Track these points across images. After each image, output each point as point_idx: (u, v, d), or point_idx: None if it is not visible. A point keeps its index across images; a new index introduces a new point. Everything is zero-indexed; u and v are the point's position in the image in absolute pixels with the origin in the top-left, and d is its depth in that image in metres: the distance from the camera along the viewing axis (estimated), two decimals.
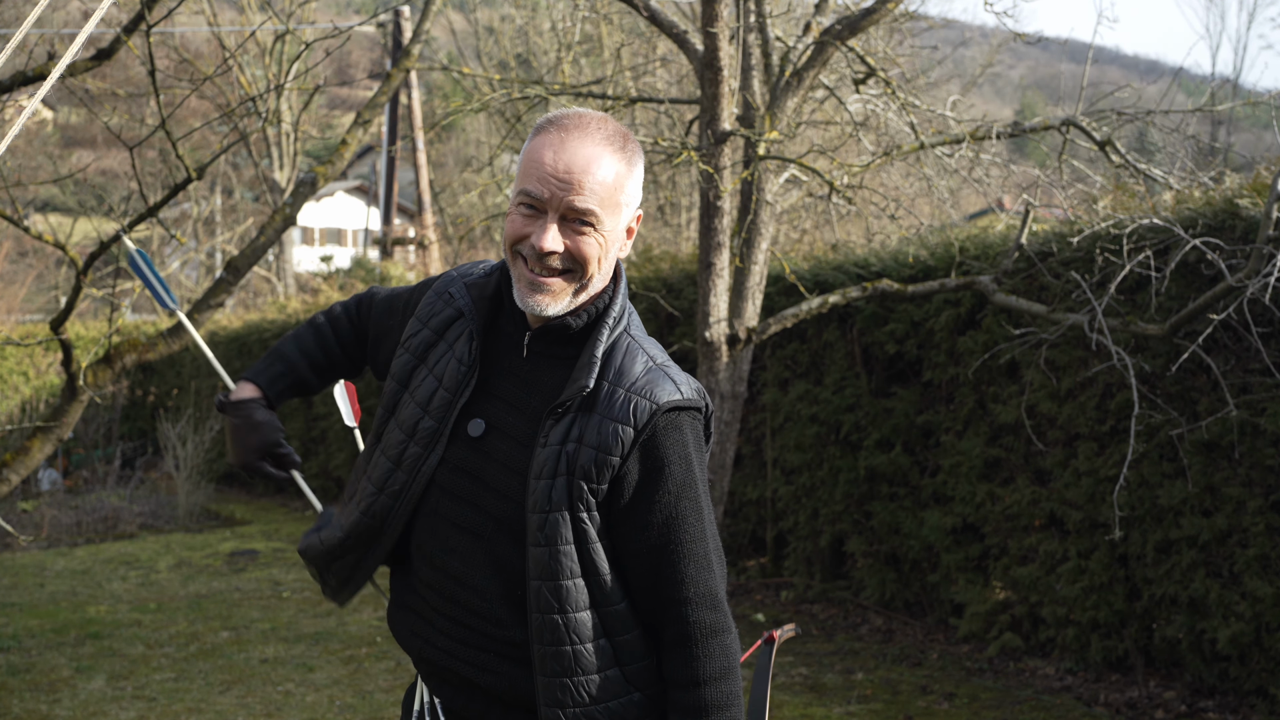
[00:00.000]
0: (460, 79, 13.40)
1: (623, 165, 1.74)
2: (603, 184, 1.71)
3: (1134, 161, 5.47)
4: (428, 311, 1.89)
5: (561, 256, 1.72)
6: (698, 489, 1.74)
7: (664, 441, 1.72)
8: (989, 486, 5.75)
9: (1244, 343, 4.72)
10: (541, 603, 1.71)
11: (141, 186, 4.65)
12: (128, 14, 8.39)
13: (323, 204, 34.79)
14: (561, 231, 1.71)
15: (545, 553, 1.70)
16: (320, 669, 5.75)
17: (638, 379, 1.74)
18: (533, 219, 1.72)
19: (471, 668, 1.77)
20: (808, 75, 5.65)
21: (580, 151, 1.70)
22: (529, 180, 1.71)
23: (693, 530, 1.72)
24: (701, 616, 1.71)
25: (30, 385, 14.43)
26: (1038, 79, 37.94)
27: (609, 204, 1.73)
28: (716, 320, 5.67)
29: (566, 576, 1.70)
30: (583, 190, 1.69)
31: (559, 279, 1.73)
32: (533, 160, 1.72)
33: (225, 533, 10.15)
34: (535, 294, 1.73)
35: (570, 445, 1.71)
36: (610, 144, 1.73)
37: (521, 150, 1.78)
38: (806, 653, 5.86)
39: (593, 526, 1.72)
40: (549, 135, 1.72)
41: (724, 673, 1.71)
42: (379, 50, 24.89)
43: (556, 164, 1.69)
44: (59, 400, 4.78)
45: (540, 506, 1.71)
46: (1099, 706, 4.91)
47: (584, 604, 1.72)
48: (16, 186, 5.25)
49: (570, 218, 1.71)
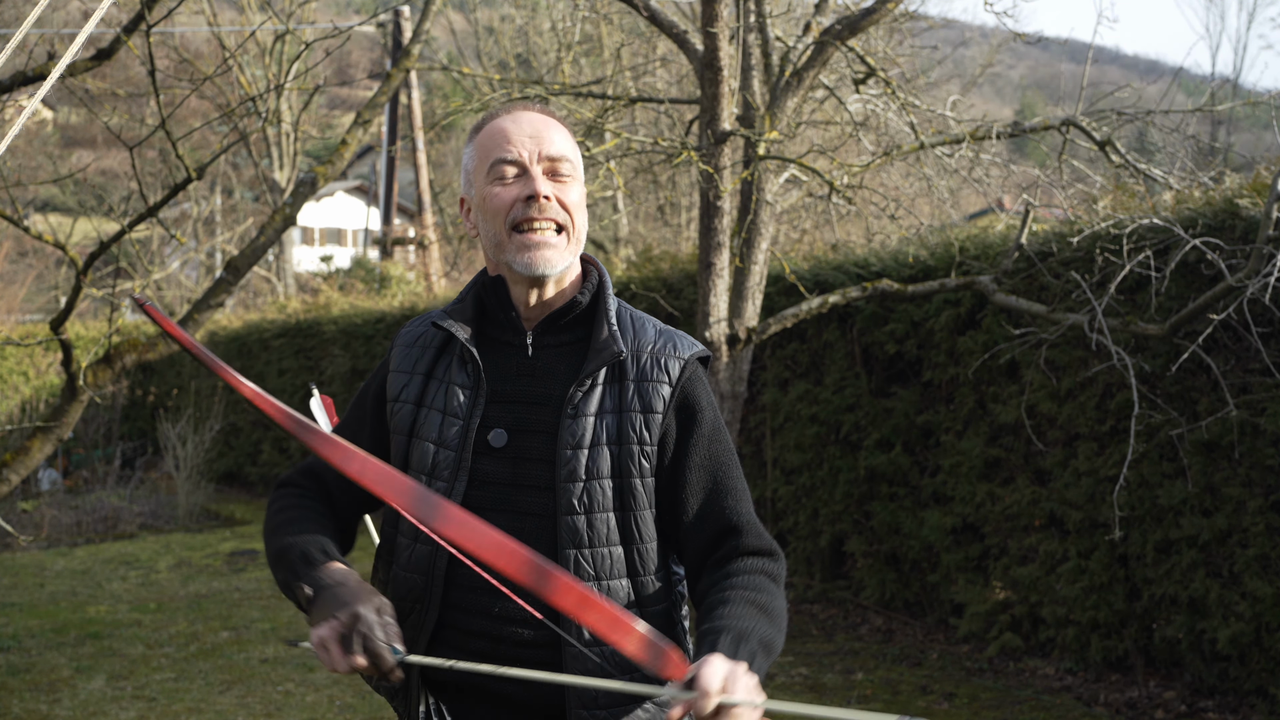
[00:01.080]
0: (460, 79, 13.40)
1: (571, 138, 1.85)
2: (564, 139, 1.82)
3: (1134, 161, 5.47)
4: (409, 363, 1.88)
5: (553, 204, 1.77)
6: (723, 429, 1.84)
7: (692, 391, 1.81)
8: (989, 486, 5.75)
9: (1244, 343, 4.72)
10: (577, 572, 1.73)
11: (141, 186, 4.65)
12: (128, 14, 8.39)
13: (323, 204, 34.79)
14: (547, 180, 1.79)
15: (583, 520, 1.73)
16: (320, 669, 5.75)
17: (655, 341, 1.82)
18: (517, 182, 1.78)
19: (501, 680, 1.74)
20: (808, 75, 5.65)
21: (536, 118, 1.82)
22: (498, 150, 1.78)
23: (730, 467, 1.81)
24: (752, 543, 1.77)
25: (30, 385, 14.44)
26: (1038, 79, 37.97)
27: (573, 160, 1.82)
28: (716, 320, 5.67)
29: (603, 544, 1.74)
30: (553, 140, 1.80)
31: (553, 233, 1.78)
32: (493, 137, 1.80)
33: (225, 533, 10.15)
34: (538, 251, 1.76)
35: (609, 416, 1.76)
36: (554, 118, 1.84)
37: (468, 154, 1.84)
38: (806, 653, 5.86)
39: (644, 493, 1.76)
40: (498, 120, 1.82)
41: (779, 586, 1.76)
42: (379, 50, 24.89)
43: (520, 126, 1.79)
44: (59, 400, 4.78)
45: (575, 475, 1.73)
46: (1099, 706, 4.91)
47: (620, 572, 1.75)
48: (16, 186, 5.25)
49: (548, 168, 1.79)
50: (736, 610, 1.64)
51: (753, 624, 1.62)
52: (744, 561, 1.74)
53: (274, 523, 1.83)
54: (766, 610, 1.66)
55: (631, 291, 7.55)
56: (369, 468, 1.56)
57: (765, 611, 1.66)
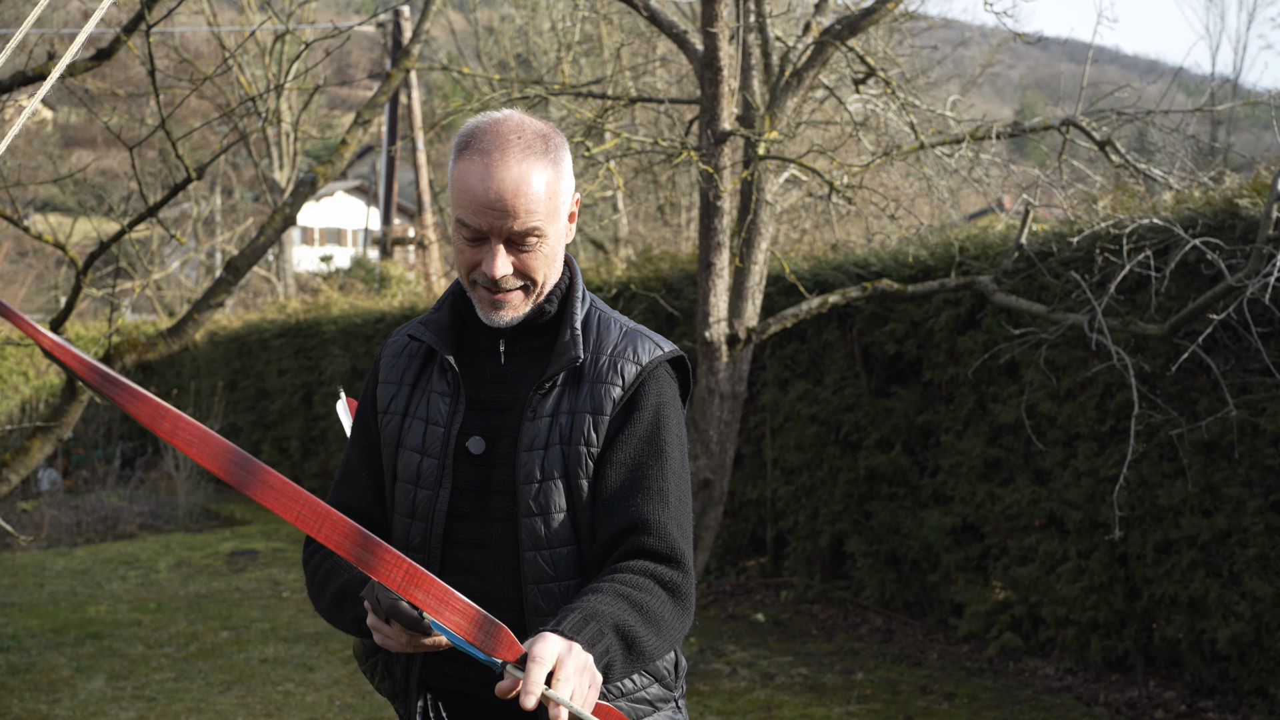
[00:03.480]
0: (460, 79, 13.40)
1: (550, 170, 1.72)
2: (536, 198, 1.70)
3: (1134, 161, 5.47)
4: (396, 373, 1.89)
5: (513, 276, 1.74)
6: (668, 434, 1.78)
7: (642, 393, 1.78)
8: (989, 486, 5.75)
9: (1244, 343, 4.72)
10: (536, 572, 1.73)
11: (141, 186, 4.65)
12: (128, 14, 8.39)
13: (323, 204, 34.80)
14: (509, 252, 1.73)
15: (540, 521, 1.73)
16: (320, 669, 5.75)
17: (617, 343, 1.80)
18: (479, 247, 1.74)
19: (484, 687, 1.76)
20: (808, 75, 5.65)
21: (507, 175, 1.68)
22: (464, 211, 1.71)
23: (655, 469, 1.75)
24: (651, 544, 1.71)
25: (30, 385, 14.44)
26: (1038, 79, 37.98)
27: (548, 214, 1.72)
28: (716, 320, 5.67)
29: (559, 544, 1.74)
30: (518, 213, 1.69)
31: (515, 294, 1.76)
32: (462, 191, 1.70)
33: (225, 533, 10.15)
34: (496, 311, 1.77)
35: (563, 417, 1.76)
36: (532, 152, 1.70)
37: (450, 169, 1.76)
38: (806, 653, 5.86)
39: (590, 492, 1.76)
40: (472, 163, 1.70)
41: (668, 592, 1.69)
42: (379, 50, 24.87)
43: (488, 193, 1.68)
44: (59, 400, 4.79)
45: (532, 477, 1.74)
46: (1099, 706, 4.91)
47: (571, 571, 1.75)
48: (16, 186, 5.25)
49: (514, 240, 1.72)
50: (599, 597, 1.59)
51: (611, 609, 1.57)
52: (635, 562, 1.69)
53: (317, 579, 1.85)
54: (636, 604, 1.61)
55: (631, 291, 7.55)
56: (180, 427, 1.42)
57: (634, 604, 1.60)
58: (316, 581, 1.85)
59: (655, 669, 1.82)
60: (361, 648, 1.89)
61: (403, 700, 1.83)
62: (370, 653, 1.87)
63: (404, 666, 1.81)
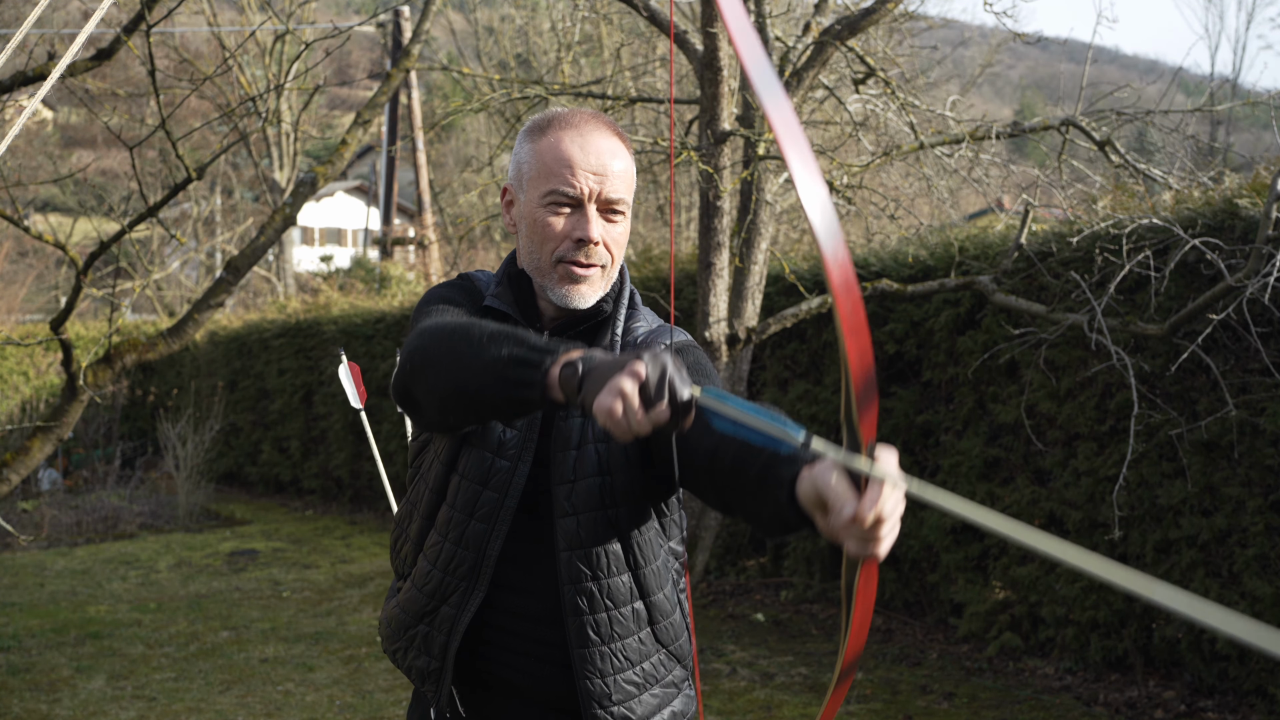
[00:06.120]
0: (460, 79, 13.41)
1: (629, 156, 1.81)
2: (624, 171, 1.77)
3: (1133, 161, 5.48)
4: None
5: (599, 251, 1.76)
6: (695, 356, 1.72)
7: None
8: (989, 486, 5.75)
9: (1243, 343, 4.72)
10: (573, 573, 1.72)
11: (141, 186, 4.66)
12: (128, 14, 8.40)
13: (323, 204, 34.80)
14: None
15: (574, 521, 1.72)
16: (320, 669, 5.75)
17: (642, 336, 1.81)
18: (570, 216, 1.75)
19: (520, 673, 1.77)
20: (808, 75, 5.65)
21: (605, 144, 1.76)
22: (558, 180, 1.73)
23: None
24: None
25: (30, 385, 14.44)
26: (1037, 79, 37.98)
27: (629, 191, 1.79)
28: (716, 320, 5.67)
29: (598, 542, 1.72)
30: (614, 176, 1.75)
31: (596, 270, 1.77)
32: (556, 159, 1.74)
33: (225, 533, 10.15)
34: (574, 286, 1.76)
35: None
36: (616, 134, 1.79)
37: (524, 153, 1.78)
38: (806, 653, 5.86)
39: (633, 484, 1.73)
40: (567, 133, 1.75)
41: None
42: (379, 50, 24.88)
43: (587, 159, 1.73)
44: (59, 400, 4.79)
45: (565, 477, 1.73)
46: (1098, 706, 4.91)
47: (620, 568, 1.74)
48: (16, 186, 5.26)
49: (603, 208, 1.75)
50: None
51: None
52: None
53: (450, 327, 1.59)
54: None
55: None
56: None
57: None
58: (447, 330, 1.59)
59: (679, 651, 1.83)
60: (398, 621, 1.83)
61: (434, 682, 1.80)
62: (409, 625, 1.81)
63: (443, 644, 1.77)
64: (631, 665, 1.75)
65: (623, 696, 1.74)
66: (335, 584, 7.91)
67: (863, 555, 1.23)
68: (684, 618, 1.87)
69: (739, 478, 1.45)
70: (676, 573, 1.86)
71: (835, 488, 1.20)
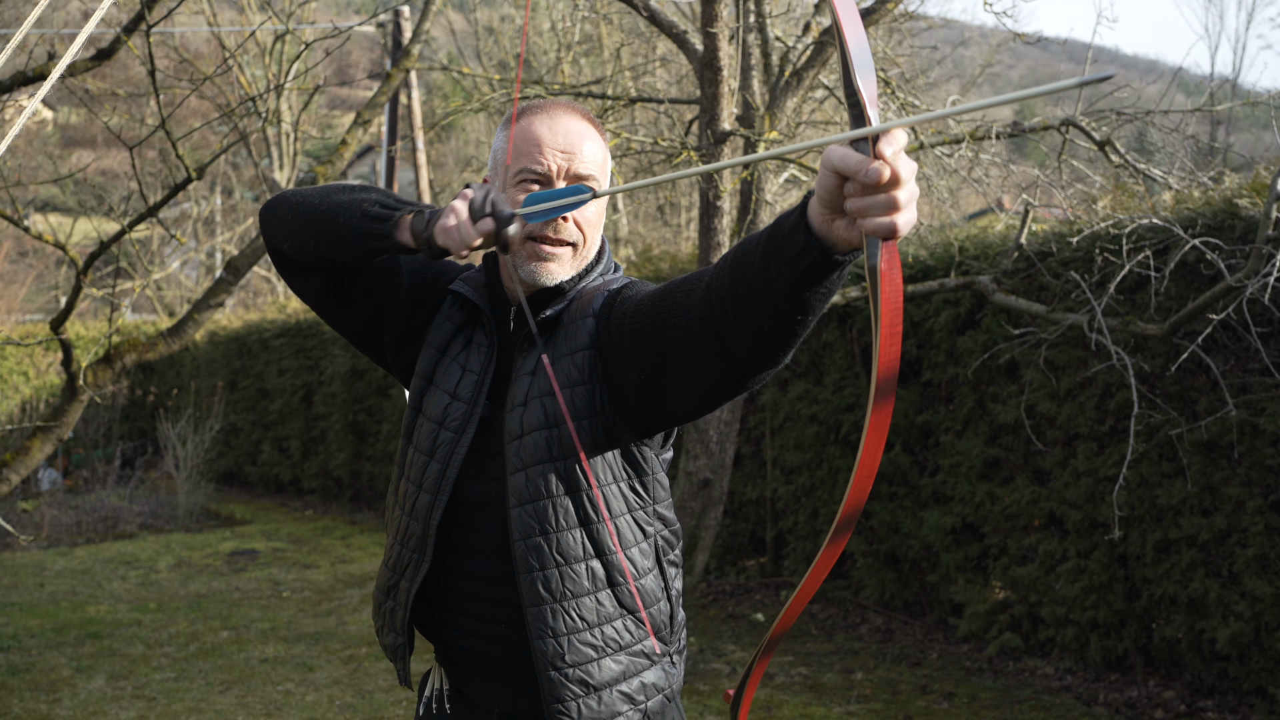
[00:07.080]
0: (460, 79, 13.41)
1: (600, 139, 1.85)
2: (593, 151, 1.81)
3: (1133, 161, 5.47)
4: (451, 311, 1.93)
5: (569, 228, 1.78)
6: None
7: (614, 302, 1.75)
8: (988, 486, 5.75)
9: (1243, 343, 4.72)
10: (523, 528, 1.71)
11: (141, 186, 4.66)
12: (128, 14, 8.40)
13: None
14: None
15: (522, 477, 1.71)
16: (320, 669, 5.75)
17: (590, 287, 1.81)
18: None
19: (485, 641, 1.79)
20: (807, 75, 5.65)
21: (574, 126, 1.80)
22: (528, 159, 1.78)
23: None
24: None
25: (30, 385, 14.44)
26: (1037, 79, 37.96)
27: (602, 172, 1.83)
28: None
29: (547, 495, 1.71)
30: (582, 155, 1.79)
31: (565, 249, 1.79)
32: (528, 140, 1.79)
33: (225, 533, 10.15)
34: (542, 263, 1.78)
35: (542, 370, 1.75)
36: (586, 119, 1.84)
37: (499, 141, 1.85)
38: (806, 653, 5.86)
39: (594, 433, 1.72)
40: (537, 117, 1.81)
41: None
42: (379, 50, 24.87)
43: (555, 138, 1.78)
44: (59, 400, 4.79)
45: (514, 434, 1.74)
46: (1098, 706, 4.91)
47: (570, 523, 1.72)
48: (16, 186, 5.26)
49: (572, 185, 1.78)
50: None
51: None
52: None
53: (311, 194, 1.81)
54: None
55: None
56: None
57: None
58: (304, 195, 1.81)
59: (653, 619, 1.78)
60: (375, 601, 1.90)
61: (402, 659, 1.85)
62: (380, 602, 1.87)
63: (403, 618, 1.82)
64: (588, 626, 1.71)
65: (578, 659, 1.70)
66: (335, 584, 7.92)
67: (884, 232, 1.22)
68: (666, 587, 1.83)
69: (744, 272, 1.43)
70: (664, 540, 1.83)
71: (849, 156, 1.21)
